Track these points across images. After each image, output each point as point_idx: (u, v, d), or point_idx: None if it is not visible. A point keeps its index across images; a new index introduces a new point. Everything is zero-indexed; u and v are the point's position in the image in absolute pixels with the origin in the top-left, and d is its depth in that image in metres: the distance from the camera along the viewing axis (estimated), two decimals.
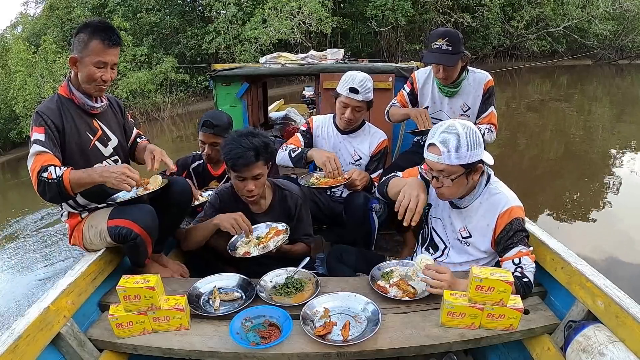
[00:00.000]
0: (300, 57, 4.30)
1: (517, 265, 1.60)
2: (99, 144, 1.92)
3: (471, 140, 1.55)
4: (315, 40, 17.09)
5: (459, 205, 1.76)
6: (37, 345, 1.41)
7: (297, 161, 2.43)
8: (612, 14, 19.90)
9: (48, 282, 4.40)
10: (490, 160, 1.65)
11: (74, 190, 1.69)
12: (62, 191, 1.65)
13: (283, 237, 1.96)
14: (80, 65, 1.78)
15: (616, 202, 5.13)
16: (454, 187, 1.62)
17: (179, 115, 15.80)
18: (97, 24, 1.77)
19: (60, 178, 1.63)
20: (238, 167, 1.87)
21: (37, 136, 1.71)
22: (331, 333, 1.47)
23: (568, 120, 10.27)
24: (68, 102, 1.84)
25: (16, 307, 4.02)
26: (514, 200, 1.67)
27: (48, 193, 1.65)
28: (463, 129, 1.55)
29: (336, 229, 2.68)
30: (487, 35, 19.97)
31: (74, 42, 1.78)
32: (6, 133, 14.56)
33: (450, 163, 1.55)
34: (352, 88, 2.28)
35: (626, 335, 1.34)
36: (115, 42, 1.79)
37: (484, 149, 1.63)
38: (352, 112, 2.36)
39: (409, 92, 2.70)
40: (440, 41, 2.25)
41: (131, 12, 16.94)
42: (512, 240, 1.62)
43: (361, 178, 2.30)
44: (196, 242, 2.09)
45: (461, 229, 1.77)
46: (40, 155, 1.68)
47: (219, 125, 2.46)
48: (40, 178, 1.63)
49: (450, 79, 2.43)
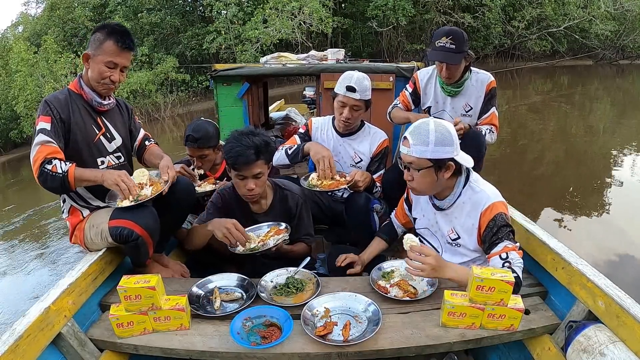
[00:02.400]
0: (301, 57, 4.30)
1: (504, 260, 1.57)
2: (103, 139, 1.96)
3: (441, 137, 1.58)
4: (316, 41, 17.09)
5: (442, 206, 1.77)
6: (38, 345, 1.41)
7: (294, 157, 2.43)
8: (613, 14, 19.91)
9: (48, 282, 4.41)
10: (468, 162, 1.66)
11: (77, 186, 1.77)
12: (65, 185, 1.70)
13: (283, 236, 1.96)
14: (92, 62, 1.84)
15: (617, 202, 5.12)
16: (422, 180, 1.66)
17: (179, 115, 15.80)
18: (114, 26, 1.84)
19: (65, 174, 1.68)
20: (238, 165, 1.88)
21: (43, 125, 1.75)
22: (332, 333, 1.47)
23: (569, 120, 10.26)
24: (77, 96, 1.89)
25: (16, 307, 4.02)
26: (495, 197, 1.66)
27: (49, 184, 1.69)
28: (435, 125, 1.59)
29: (337, 229, 2.68)
30: (488, 36, 19.97)
31: (90, 39, 1.84)
32: (7, 133, 14.55)
33: (417, 156, 1.61)
34: (349, 86, 2.27)
35: (627, 335, 1.34)
36: (129, 47, 1.85)
37: (458, 149, 1.65)
38: (350, 111, 2.34)
39: (411, 92, 2.69)
40: (444, 39, 2.26)
41: (132, 12, 16.95)
42: (497, 237, 1.60)
43: (364, 179, 2.30)
44: (198, 243, 2.10)
45: (449, 231, 1.78)
46: (45, 145, 1.71)
47: (201, 138, 2.40)
48: (43, 169, 1.67)
49: (453, 78, 2.43)
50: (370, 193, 2.40)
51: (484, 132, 2.46)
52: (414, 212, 1.98)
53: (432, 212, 1.84)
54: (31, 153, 1.73)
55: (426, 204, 1.88)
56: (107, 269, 1.91)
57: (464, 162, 1.65)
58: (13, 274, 4.85)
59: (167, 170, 1.90)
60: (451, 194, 1.73)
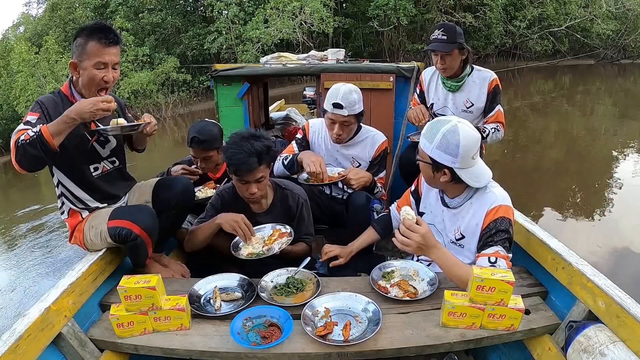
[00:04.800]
0: (301, 57, 4.29)
1: (492, 263, 1.54)
2: (96, 145, 1.92)
3: (446, 143, 1.55)
4: (317, 40, 17.09)
5: (451, 204, 1.76)
6: (38, 345, 1.41)
7: (290, 168, 2.43)
8: (615, 13, 19.86)
9: (47, 281, 4.42)
10: (474, 181, 1.61)
11: (56, 142, 1.58)
12: (45, 145, 1.55)
13: (287, 239, 1.96)
14: (81, 69, 1.75)
15: (618, 202, 5.11)
16: (423, 171, 1.72)
17: (180, 115, 15.83)
18: (92, 26, 1.74)
19: (39, 132, 1.55)
20: (241, 173, 1.88)
21: (29, 117, 1.66)
22: (332, 333, 1.47)
23: (570, 120, 10.25)
24: (69, 103, 1.81)
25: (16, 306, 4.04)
26: (503, 200, 1.63)
27: (28, 153, 1.54)
28: (448, 129, 1.55)
29: (337, 229, 2.67)
30: (490, 35, 19.94)
31: (73, 48, 1.75)
32: (8, 133, 14.54)
33: (422, 147, 1.65)
34: (335, 104, 2.23)
35: (627, 335, 1.33)
36: (113, 41, 1.74)
37: (465, 163, 1.57)
38: (340, 128, 2.31)
39: (419, 94, 2.75)
40: (437, 32, 2.38)
41: (133, 12, 16.98)
42: (492, 239, 1.58)
43: (357, 178, 2.29)
44: (199, 243, 2.09)
45: (455, 230, 1.76)
46: (21, 131, 1.60)
47: (207, 140, 2.40)
48: (18, 144, 1.55)
49: (450, 69, 2.45)
50: (370, 193, 2.40)
51: (489, 131, 2.47)
52: (421, 207, 1.96)
53: (441, 209, 1.81)
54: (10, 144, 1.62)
55: (435, 200, 1.85)
56: (107, 269, 1.91)
57: (469, 178, 1.60)
58: (13, 273, 4.86)
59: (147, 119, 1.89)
60: (461, 196, 1.71)
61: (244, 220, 1.95)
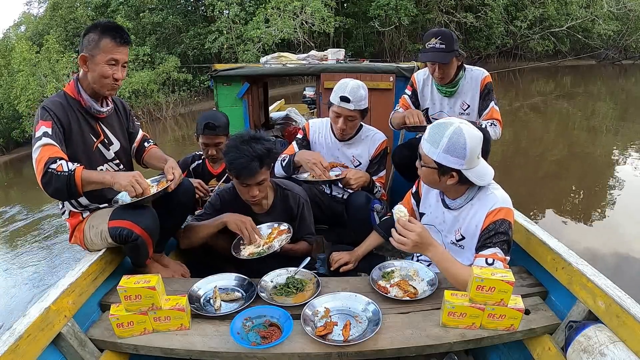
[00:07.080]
0: (301, 57, 4.29)
1: (489, 265, 1.54)
2: (101, 147, 1.92)
3: (453, 146, 1.52)
4: (318, 40, 17.09)
5: (452, 206, 1.74)
6: (38, 345, 1.41)
7: (288, 170, 2.43)
8: (616, 14, 19.86)
9: (47, 281, 4.42)
10: (480, 180, 1.60)
11: (84, 188, 1.66)
12: (72, 186, 1.61)
13: (287, 236, 1.96)
14: (91, 63, 1.76)
15: (619, 202, 5.11)
16: (426, 175, 1.66)
17: (181, 115, 15.83)
18: (106, 23, 1.77)
19: (72, 173, 1.60)
20: (243, 177, 1.88)
21: (44, 129, 1.68)
22: (332, 333, 1.47)
23: (571, 120, 10.24)
24: (75, 102, 1.83)
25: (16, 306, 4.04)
26: (504, 202, 1.61)
27: (54, 185, 1.59)
28: (453, 131, 1.52)
29: (337, 229, 2.68)
30: (491, 35, 19.94)
31: (83, 41, 1.76)
32: (9, 132, 14.60)
33: (426, 152, 1.60)
34: (343, 97, 2.23)
35: (627, 335, 1.33)
36: (126, 41, 1.78)
37: (472, 163, 1.56)
38: (344, 122, 2.32)
39: (410, 95, 2.67)
40: (433, 40, 2.28)
41: (134, 11, 17.00)
42: (491, 240, 1.57)
43: (356, 178, 2.29)
44: (199, 239, 2.09)
45: (455, 231, 1.74)
46: (48, 146, 1.64)
47: (220, 125, 2.49)
48: (47, 169, 1.58)
49: (446, 78, 2.42)
50: (370, 193, 2.40)
51: (485, 125, 2.45)
52: (421, 207, 1.94)
53: (441, 210, 1.80)
54: (33, 155, 1.65)
55: (435, 201, 1.84)
56: (107, 269, 1.91)
57: (475, 178, 1.59)
58: (13, 273, 4.87)
59: (172, 171, 1.87)
60: (462, 197, 1.70)
61: (251, 223, 1.96)
